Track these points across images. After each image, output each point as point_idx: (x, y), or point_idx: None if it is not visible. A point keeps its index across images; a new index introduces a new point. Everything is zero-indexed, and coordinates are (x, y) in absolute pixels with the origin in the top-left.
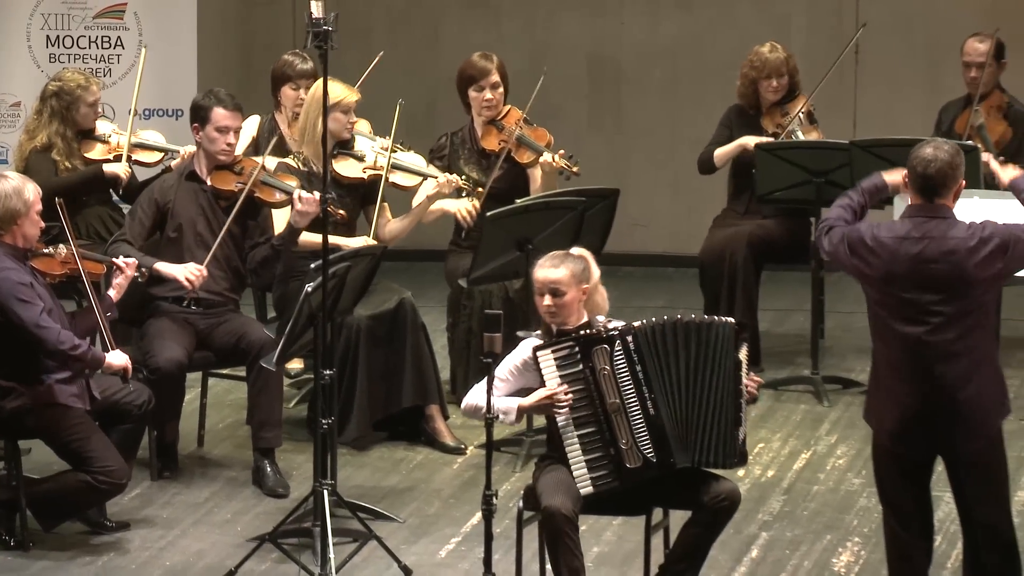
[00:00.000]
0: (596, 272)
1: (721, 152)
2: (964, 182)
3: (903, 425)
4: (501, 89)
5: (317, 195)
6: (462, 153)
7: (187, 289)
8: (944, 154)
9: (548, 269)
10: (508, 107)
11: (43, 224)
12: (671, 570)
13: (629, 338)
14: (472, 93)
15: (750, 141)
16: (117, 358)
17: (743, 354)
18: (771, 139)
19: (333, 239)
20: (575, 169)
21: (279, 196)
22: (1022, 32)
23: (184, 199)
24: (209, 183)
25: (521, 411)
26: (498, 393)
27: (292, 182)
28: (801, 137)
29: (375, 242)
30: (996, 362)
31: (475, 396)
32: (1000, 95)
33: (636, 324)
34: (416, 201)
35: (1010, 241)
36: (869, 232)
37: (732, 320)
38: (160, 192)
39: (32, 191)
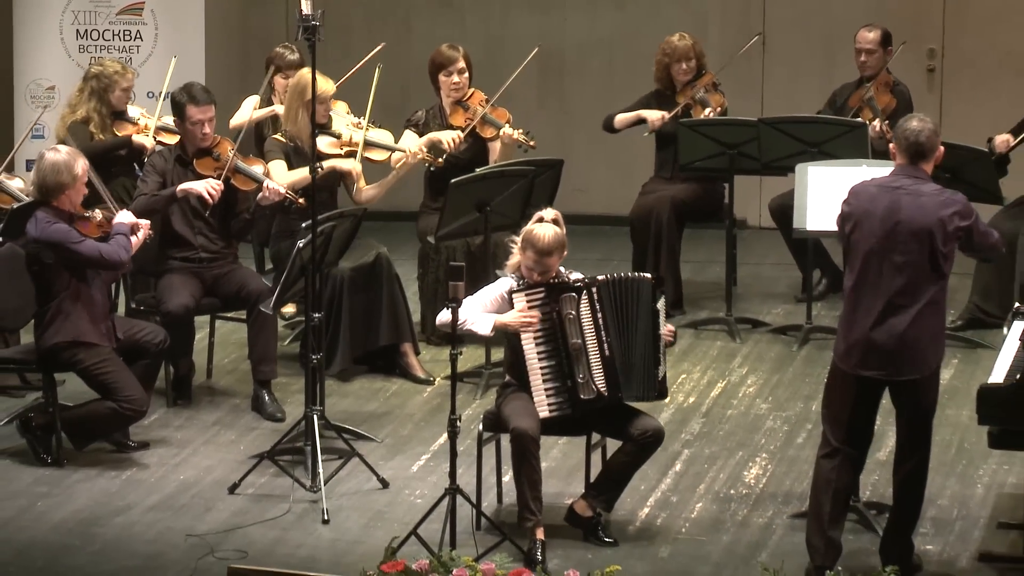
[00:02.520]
0: None
1: (620, 118)
2: (943, 150)
3: (853, 348)
4: (467, 75)
5: (279, 188)
6: (433, 127)
7: (209, 201)
8: (930, 125)
9: (544, 255)
10: (472, 90)
11: (87, 191)
12: (598, 489)
13: (594, 289)
14: (442, 78)
15: (649, 115)
16: (125, 216)
17: (661, 304)
18: (663, 114)
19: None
20: (532, 143)
21: (252, 184)
22: (904, 26)
23: (177, 180)
24: (194, 167)
25: (496, 326)
26: (478, 312)
27: (260, 167)
28: (708, 102)
29: (358, 166)
30: (943, 312)
31: (451, 313)
32: (887, 75)
33: (600, 278)
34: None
35: (973, 212)
36: (860, 183)
37: (650, 276)
38: (160, 167)
39: (81, 166)
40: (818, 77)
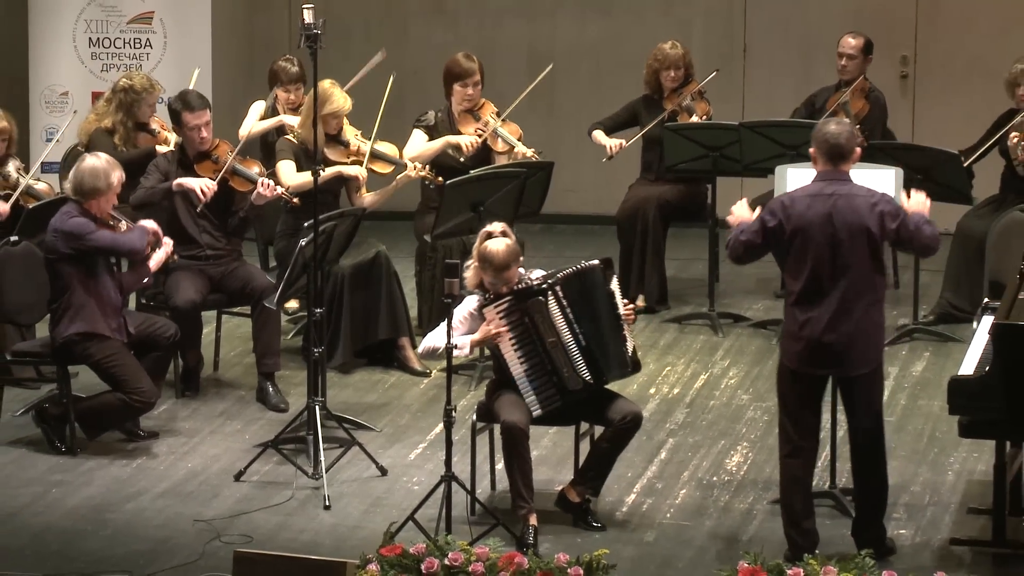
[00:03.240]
0: None
1: (595, 135)
2: (860, 151)
3: (805, 351)
4: (480, 86)
5: (274, 187)
6: (441, 130)
7: (201, 200)
8: (847, 128)
9: (502, 271)
10: (483, 100)
11: (116, 202)
12: (585, 475)
13: (558, 288)
14: (457, 87)
15: (607, 143)
16: (150, 223)
17: (614, 285)
18: (621, 143)
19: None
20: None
21: (249, 185)
22: (879, 34)
23: None
24: (195, 171)
25: (473, 344)
26: (453, 335)
27: (256, 169)
28: (694, 109)
29: (363, 172)
30: (882, 304)
31: (431, 340)
32: (864, 81)
33: (560, 275)
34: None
35: (900, 212)
36: (785, 196)
37: (598, 261)
38: (163, 168)
39: (117, 178)
40: (796, 81)
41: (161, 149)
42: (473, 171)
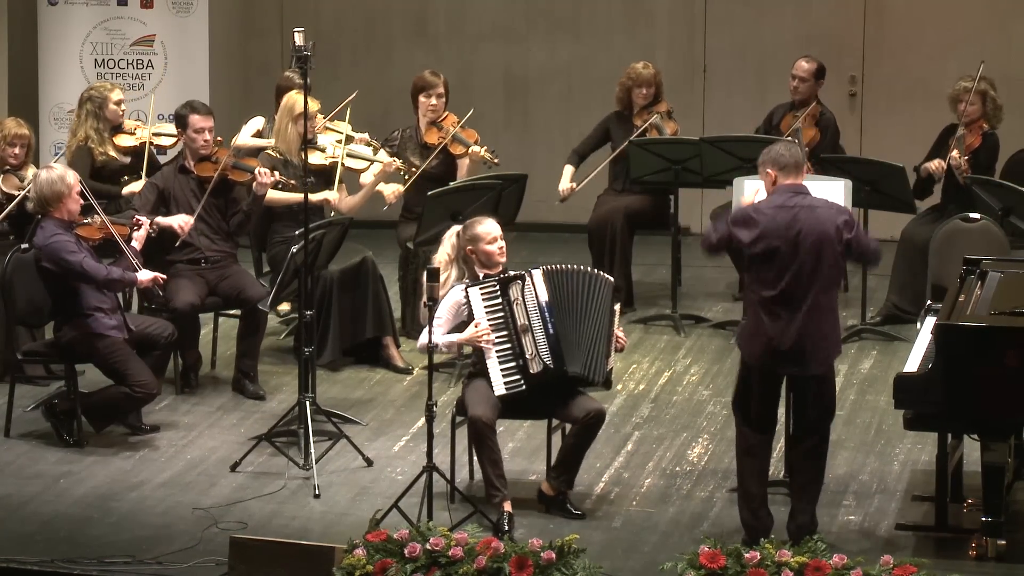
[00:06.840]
0: None
1: (565, 170)
2: (809, 165)
3: (768, 351)
4: (444, 99)
5: (272, 173)
6: (409, 145)
7: (180, 234)
8: (794, 145)
9: (492, 224)
10: (447, 113)
11: (82, 201)
12: (557, 471)
13: (537, 275)
14: (421, 99)
15: (562, 188)
16: (145, 274)
17: (617, 308)
18: (569, 188)
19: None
20: (496, 160)
21: (247, 176)
22: (829, 55)
23: (179, 188)
24: (195, 173)
25: (458, 343)
26: (440, 330)
27: (253, 164)
28: (664, 129)
29: (334, 195)
30: (837, 311)
31: (423, 339)
32: (816, 106)
33: (546, 267)
34: (365, 179)
35: (855, 225)
36: (750, 207)
37: (611, 278)
38: (162, 180)
39: (72, 176)
40: (752, 100)
41: (129, 189)
42: (453, 183)
